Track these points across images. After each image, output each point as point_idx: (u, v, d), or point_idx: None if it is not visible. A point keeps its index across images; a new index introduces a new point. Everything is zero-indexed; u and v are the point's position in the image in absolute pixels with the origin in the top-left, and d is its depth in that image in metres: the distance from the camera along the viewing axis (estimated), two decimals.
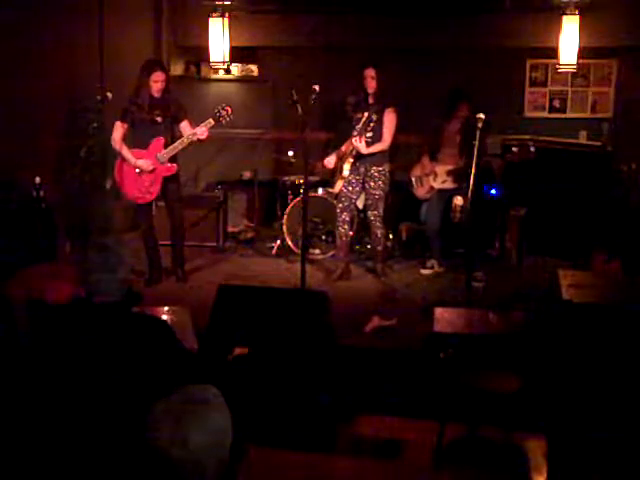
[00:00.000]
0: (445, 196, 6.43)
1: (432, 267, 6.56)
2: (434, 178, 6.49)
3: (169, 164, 5.89)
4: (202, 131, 5.80)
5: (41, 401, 2.55)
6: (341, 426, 4.24)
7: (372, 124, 6.10)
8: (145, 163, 5.83)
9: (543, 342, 4.06)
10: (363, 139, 6.03)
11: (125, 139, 5.90)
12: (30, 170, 5.85)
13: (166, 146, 5.85)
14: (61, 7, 6.37)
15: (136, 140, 5.93)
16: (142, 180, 5.89)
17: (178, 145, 5.85)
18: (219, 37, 7.54)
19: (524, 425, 4.00)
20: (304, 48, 8.03)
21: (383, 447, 4.13)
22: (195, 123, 5.93)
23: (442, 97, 6.51)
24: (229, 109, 5.87)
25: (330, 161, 6.41)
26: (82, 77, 6.66)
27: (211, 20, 7.54)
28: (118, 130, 5.86)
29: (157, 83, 5.73)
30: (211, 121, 5.82)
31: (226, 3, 7.65)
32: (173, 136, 5.93)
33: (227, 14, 7.58)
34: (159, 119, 5.83)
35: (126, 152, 5.86)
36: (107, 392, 2.49)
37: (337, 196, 6.52)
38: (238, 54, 8.03)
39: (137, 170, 5.86)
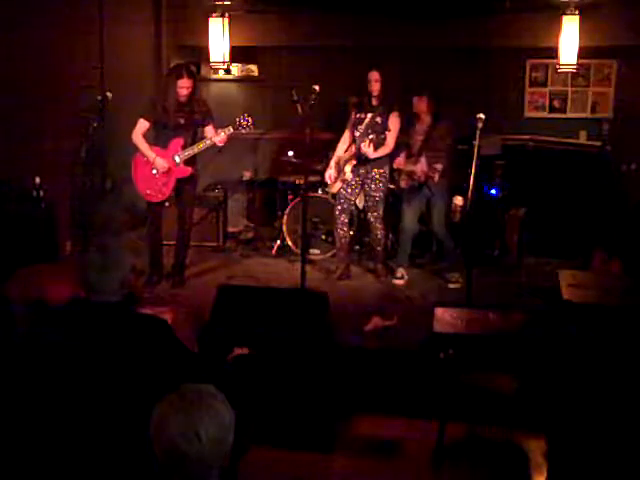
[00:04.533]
0: (413, 198, 6.33)
1: (402, 277, 6.34)
2: (398, 175, 6.45)
3: (184, 166, 5.90)
4: (220, 138, 5.84)
5: (41, 402, 2.55)
6: (341, 426, 4.24)
7: (375, 126, 6.10)
8: (161, 163, 5.83)
9: (543, 342, 4.06)
10: (372, 144, 5.99)
11: (145, 137, 5.90)
12: (30, 170, 5.85)
13: (184, 147, 5.86)
14: (61, 7, 6.37)
15: (156, 139, 5.93)
16: (156, 179, 5.89)
17: (195, 148, 5.87)
18: (219, 37, 7.54)
19: (524, 425, 4.00)
20: (304, 48, 8.03)
21: (383, 447, 4.14)
22: None
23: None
24: (250, 120, 5.92)
25: (332, 175, 6.36)
26: (82, 77, 6.66)
27: (211, 20, 7.54)
28: (140, 127, 5.85)
29: (183, 89, 5.73)
30: (230, 129, 5.85)
31: (226, 3, 7.65)
32: (194, 138, 5.93)
33: (227, 14, 7.58)
34: (182, 121, 5.84)
35: (145, 148, 5.85)
36: (107, 392, 2.49)
37: (335, 196, 6.51)
38: (238, 54, 8.04)
39: (154, 171, 5.87)
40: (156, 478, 1.87)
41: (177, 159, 5.84)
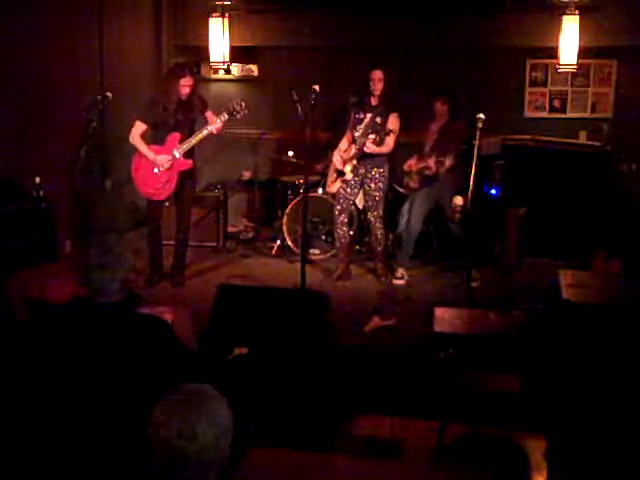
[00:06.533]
0: (422, 198, 6.33)
1: (402, 277, 6.37)
2: (410, 176, 6.43)
3: (184, 159, 5.90)
4: (216, 126, 5.83)
5: (42, 401, 2.55)
6: (341, 426, 4.24)
7: (375, 126, 6.10)
8: (163, 159, 5.83)
9: (543, 342, 4.06)
10: (373, 145, 6.00)
11: (143, 137, 5.90)
12: (30, 170, 5.85)
13: (182, 141, 5.86)
14: (61, 7, 6.37)
15: (154, 137, 5.94)
16: (158, 177, 5.88)
17: (193, 140, 5.86)
18: (219, 37, 7.55)
19: (524, 425, 4.00)
20: (304, 48, 8.03)
21: (383, 447, 4.13)
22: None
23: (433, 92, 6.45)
24: (243, 104, 5.90)
25: (339, 160, 6.35)
26: (82, 77, 6.66)
27: (211, 20, 7.55)
28: (138, 129, 5.85)
29: (185, 88, 5.74)
30: (225, 115, 5.85)
31: (226, 3, 7.66)
32: (191, 131, 5.92)
33: (227, 14, 7.58)
34: (181, 118, 5.84)
35: (144, 149, 5.85)
36: (107, 392, 2.49)
37: (334, 196, 6.51)
38: (238, 54, 8.04)
39: (155, 170, 5.86)
40: (154, 478, 1.87)
41: (176, 153, 5.84)
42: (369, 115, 6.17)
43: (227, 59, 7.69)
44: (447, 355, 3.93)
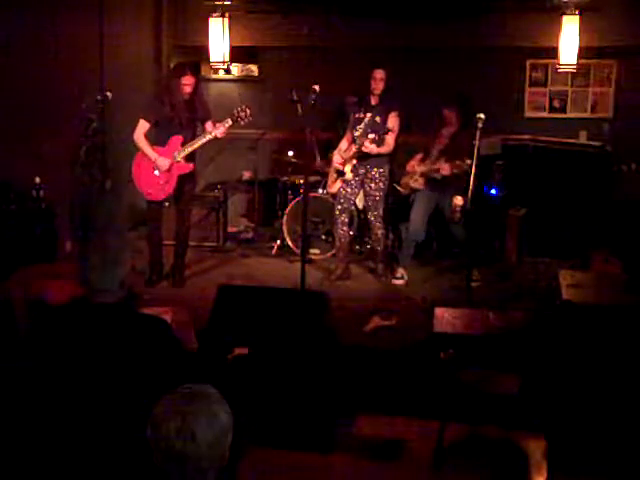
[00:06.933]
0: (426, 199, 6.30)
1: (402, 277, 6.36)
2: (411, 176, 6.43)
3: (185, 162, 5.90)
4: (220, 132, 5.83)
5: (41, 401, 2.55)
6: (341, 426, 4.24)
7: (375, 125, 6.09)
8: (163, 162, 5.83)
9: (543, 342, 4.06)
10: (373, 144, 6.00)
11: (147, 136, 5.90)
12: (30, 170, 5.85)
13: (184, 144, 5.86)
14: (61, 7, 6.37)
15: (156, 137, 5.94)
16: (157, 178, 5.89)
17: (195, 144, 5.86)
18: (219, 37, 7.55)
19: (524, 425, 4.00)
20: (304, 48, 8.03)
21: (383, 447, 4.13)
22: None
23: (442, 97, 6.44)
24: (248, 110, 5.91)
25: (338, 160, 6.36)
26: (82, 77, 6.66)
27: (211, 20, 7.54)
28: (142, 128, 5.85)
29: (186, 87, 5.75)
30: (229, 121, 5.85)
31: (226, 3, 7.66)
32: (194, 136, 5.93)
33: (227, 14, 7.59)
34: (183, 119, 5.84)
35: (148, 149, 5.85)
36: (107, 392, 2.49)
37: (335, 196, 6.51)
38: (238, 54, 8.04)
39: (155, 171, 5.86)
40: (154, 478, 1.87)
41: (177, 156, 5.84)
42: (369, 114, 6.16)
43: (227, 59, 7.69)
44: (447, 355, 3.93)
